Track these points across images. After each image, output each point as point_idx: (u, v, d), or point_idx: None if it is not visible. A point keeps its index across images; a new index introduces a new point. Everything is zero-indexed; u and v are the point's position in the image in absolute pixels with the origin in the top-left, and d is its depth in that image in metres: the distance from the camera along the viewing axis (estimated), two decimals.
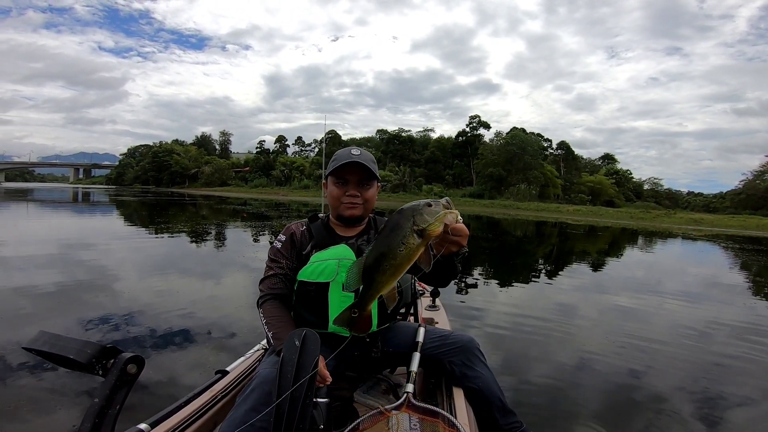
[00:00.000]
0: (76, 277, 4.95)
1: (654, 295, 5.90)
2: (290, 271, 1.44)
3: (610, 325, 4.29)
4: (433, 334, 1.53)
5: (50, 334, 0.84)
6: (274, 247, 1.49)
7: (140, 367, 0.83)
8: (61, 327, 3.28)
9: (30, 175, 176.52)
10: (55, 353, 0.80)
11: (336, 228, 1.54)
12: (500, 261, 9.08)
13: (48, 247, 7.08)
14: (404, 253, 0.93)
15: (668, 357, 3.39)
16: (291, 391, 0.95)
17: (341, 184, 1.46)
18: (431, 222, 0.92)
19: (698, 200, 61.66)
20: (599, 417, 2.34)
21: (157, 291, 4.57)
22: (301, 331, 1.04)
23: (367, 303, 1.02)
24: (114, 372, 0.80)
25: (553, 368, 3.01)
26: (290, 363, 0.99)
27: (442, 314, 2.36)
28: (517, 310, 4.58)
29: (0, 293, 4.15)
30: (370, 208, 1.53)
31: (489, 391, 1.42)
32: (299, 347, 1.01)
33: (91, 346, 0.81)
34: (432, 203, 0.95)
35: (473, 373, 1.44)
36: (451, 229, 0.99)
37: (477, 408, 1.41)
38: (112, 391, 0.79)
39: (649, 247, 14.38)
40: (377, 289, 0.98)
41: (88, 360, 0.79)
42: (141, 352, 2.89)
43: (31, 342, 0.83)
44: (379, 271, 0.96)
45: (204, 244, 8.84)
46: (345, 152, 1.46)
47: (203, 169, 63.26)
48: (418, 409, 1.17)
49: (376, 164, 1.50)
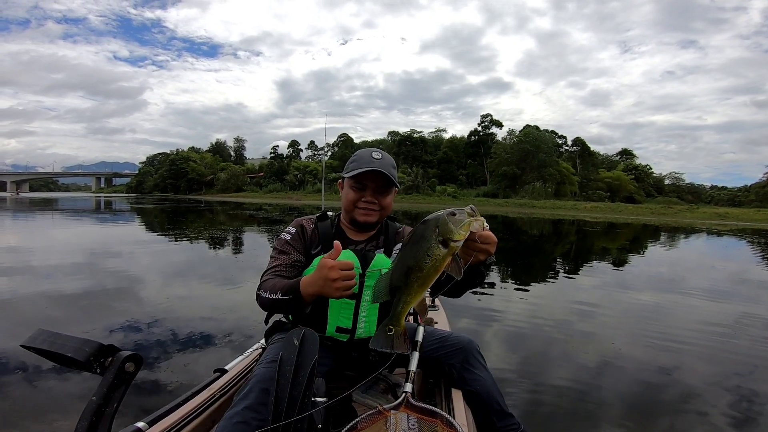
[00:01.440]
0: (93, 281, 5.07)
1: (679, 293, 5.70)
2: (300, 264, 1.38)
3: (633, 322, 4.16)
4: (432, 336, 1.50)
5: (49, 332, 0.84)
6: (282, 238, 1.42)
7: (138, 366, 0.83)
8: (78, 328, 3.34)
9: (54, 185, 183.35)
10: (54, 351, 0.80)
11: (346, 231, 1.48)
12: (517, 260, 8.92)
13: (72, 254, 7.30)
14: (431, 264, 0.92)
15: (696, 355, 3.26)
16: (289, 390, 0.94)
17: (359, 189, 1.40)
18: (456, 231, 0.91)
19: (722, 194, 59.49)
20: (624, 417, 2.27)
21: (163, 292, 4.64)
22: (299, 331, 1.03)
23: (400, 318, 0.99)
24: (112, 370, 0.80)
25: (574, 367, 2.92)
26: (289, 362, 0.98)
27: (441, 314, 2.35)
28: (535, 309, 4.50)
29: (24, 297, 4.27)
30: (386, 215, 1.48)
31: (487, 394, 1.40)
32: (298, 346, 1.00)
33: (90, 344, 0.80)
34: (456, 212, 0.93)
35: (472, 376, 1.42)
36: (478, 236, 0.96)
37: (475, 410, 1.39)
38: (109, 389, 0.79)
39: (672, 244, 13.95)
40: (407, 302, 0.97)
41: (86, 358, 0.79)
42: (141, 349, 2.95)
43: (30, 340, 0.82)
44: (407, 284, 0.95)
45: (217, 248, 8.97)
46: (366, 155, 1.40)
47: (219, 176, 64.52)
48: (417, 409, 1.15)
49: (396, 169, 1.45)
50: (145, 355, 2.72)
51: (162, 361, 2.77)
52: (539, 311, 4.46)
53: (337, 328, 1.35)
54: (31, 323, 3.54)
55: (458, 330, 1.83)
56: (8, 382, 2.39)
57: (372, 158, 1.37)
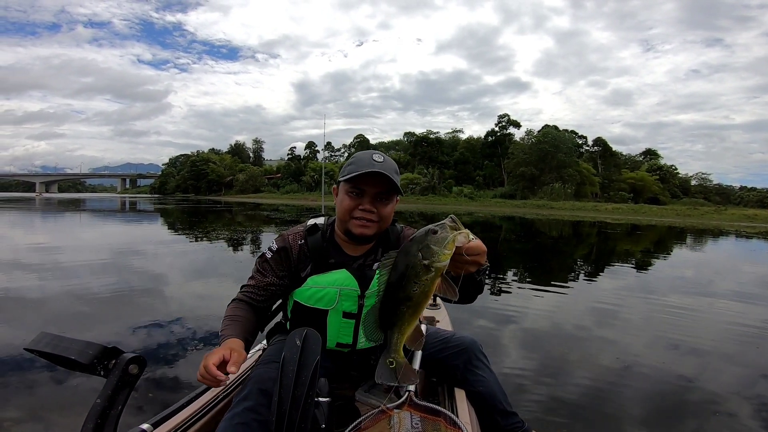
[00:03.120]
0: (109, 279, 5.22)
1: (705, 296, 5.49)
2: (274, 287, 1.32)
3: (656, 326, 4.02)
4: (434, 337, 1.47)
5: (52, 335, 0.83)
6: (264, 255, 1.35)
7: (142, 368, 0.83)
8: (90, 325, 3.46)
9: (81, 186, 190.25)
10: (57, 354, 0.80)
11: (341, 244, 1.35)
12: (533, 262, 8.76)
13: (98, 253, 7.54)
14: (419, 291, 0.88)
15: (722, 359, 3.13)
16: (292, 390, 0.94)
17: (355, 195, 1.25)
18: (440, 252, 0.84)
19: (752, 195, 57.06)
20: (645, 422, 2.20)
21: (173, 292, 4.75)
22: (302, 331, 1.01)
23: (398, 349, 0.96)
24: (116, 372, 0.80)
25: (595, 370, 2.85)
26: (292, 362, 0.97)
27: (443, 312, 2.33)
28: (555, 311, 4.41)
29: (48, 294, 4.43)
30: (385, 227, 1.32)
31: (491, 394, 1.39)
32: (300, 346, 0.99)
33: (93, 346, 0.80)
34: (438, 228, 0.86)
35: (475, 377, 1.39)
36: (465, 250, 0.88)
37: (479, 409, 1.37)
38: (114, 391, 0.79)
39: (698, 246, 13.47)
40: (402, 332, 0.94)
41: (90, 361, 0.79)
42: (145, 347, 3.00)
43: (33, 343, 0.82)
44: (398, 315, 0.91)
45: (232, 249, 9.11)
46: (366, 157, 1.25)
47: (237, 177, 65.74)
48: (420, 408, 1.14)
49: (399, 174, 1.30)
50: (151, 354, 2.81)
51: (167, 360, 2.82)
52: (556, 313, 4.36)
53: (338, 344, 1.33)
54: (56, 320, 3.68)
55: (461, 329, 1.81)
56: (12, 383, 2.42)
57: (373, 160, 1.22)
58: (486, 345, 1.50)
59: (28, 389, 2.37)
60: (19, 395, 2.30)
